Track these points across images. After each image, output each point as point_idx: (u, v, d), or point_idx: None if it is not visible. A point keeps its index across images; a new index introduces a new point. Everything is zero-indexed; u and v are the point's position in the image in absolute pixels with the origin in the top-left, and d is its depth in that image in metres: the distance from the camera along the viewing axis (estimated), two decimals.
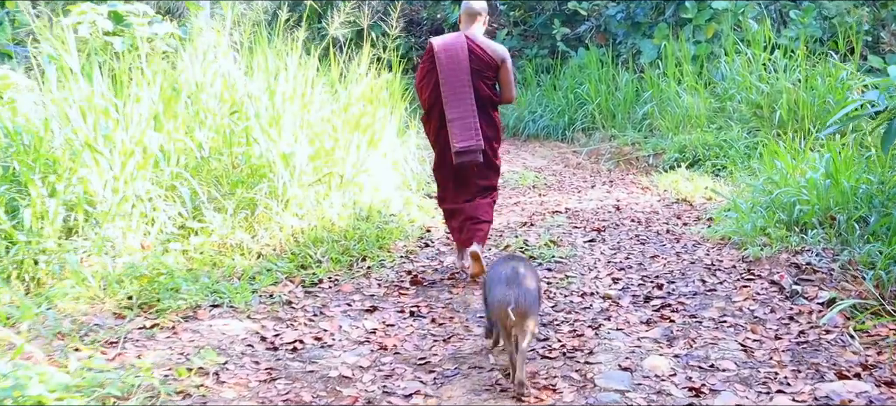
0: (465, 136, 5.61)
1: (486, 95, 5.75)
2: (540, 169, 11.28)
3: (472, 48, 5.71)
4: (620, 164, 11.45)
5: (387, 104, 8.50)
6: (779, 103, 10.75)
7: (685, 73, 12.30)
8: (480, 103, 5.71)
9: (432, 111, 5.81)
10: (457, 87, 5.63)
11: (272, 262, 5.89)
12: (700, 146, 10.52)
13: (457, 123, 5.63)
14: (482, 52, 5.72)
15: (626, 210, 8.28)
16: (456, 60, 5.64)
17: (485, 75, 5.73)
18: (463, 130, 5.62)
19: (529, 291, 3.97)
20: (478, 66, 5.69)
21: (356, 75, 8.05)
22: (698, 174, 9.82)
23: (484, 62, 5.72)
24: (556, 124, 14.12)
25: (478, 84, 5.69)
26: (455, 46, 5.70)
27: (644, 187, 9.54)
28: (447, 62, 5.64)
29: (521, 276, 3.99)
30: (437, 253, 6.57)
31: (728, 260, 6.19)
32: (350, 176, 6.97)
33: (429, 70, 5.77)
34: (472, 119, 5.63)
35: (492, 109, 5.83)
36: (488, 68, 5.74)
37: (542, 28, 16.59)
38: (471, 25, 5.86)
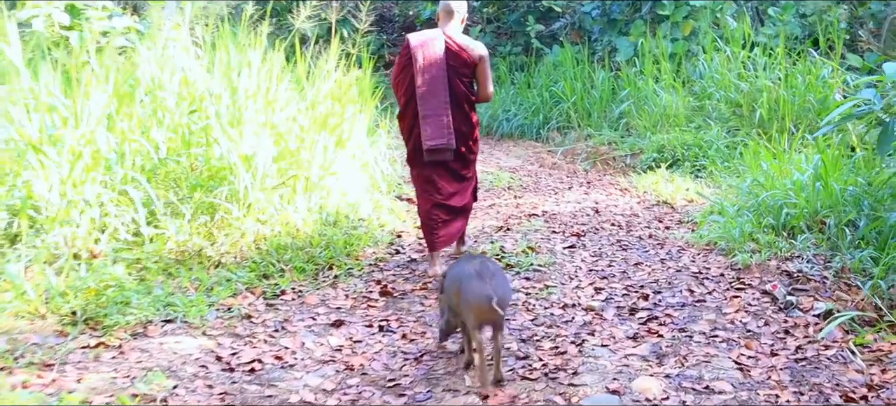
0: (436, 133, 5.57)
1: (463, 93, 5.68)
2: (515, 169, 10.92)
3: (450, 45, 5.63)
4: (597, 164, 11.12)
5: (356, 102, 8.10)
6: (759, 102, 10.49)
7: (663, 71, 11.99)
8: (456, 101, 5.64)
9: (407, 108, 5.72)
10: (432, 84, 5.56)
11: (232, 271, 5.49)
12: (679, 146, 10.21)
13: (430, 120, 5.57)
14: (460, 50, 5.64)
15: (606, 213, 7.94)
16: (432, 57, 5.58)
17: (461, 73, 5.66)
18: (435, 128, 5.57)
19: (505, 284, 3.95)
20: (455, 63, 5.62)
21: (324, 72, 7.63)
22: (678, 175, 9.51)
23: (461, 60, 5.64)
24: (531, 123, 13.77)
25: (454, 81, 5.62)
26: (432, 43, 5.62)
27: (623, 189, 9.21)
28: (423, 59, 5.58)
29: (492, 271, 3.91)
30: (408, 260, 6.18)
31: (715, 267, 5.86)
32: (316, 178, 6.57)
33: (405, 66, 5.69)
34: (445, 117, 5.57)
35: (468, 107, 5.75)
36: (465, 66, 5.66)
37: (516, 25, 16.24)
38: (448, 22, 5.77)
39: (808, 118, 10.33)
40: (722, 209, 6.73)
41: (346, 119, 7.44)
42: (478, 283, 3.81)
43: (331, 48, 7.73)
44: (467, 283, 3.87)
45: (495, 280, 3.85)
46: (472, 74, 5.74)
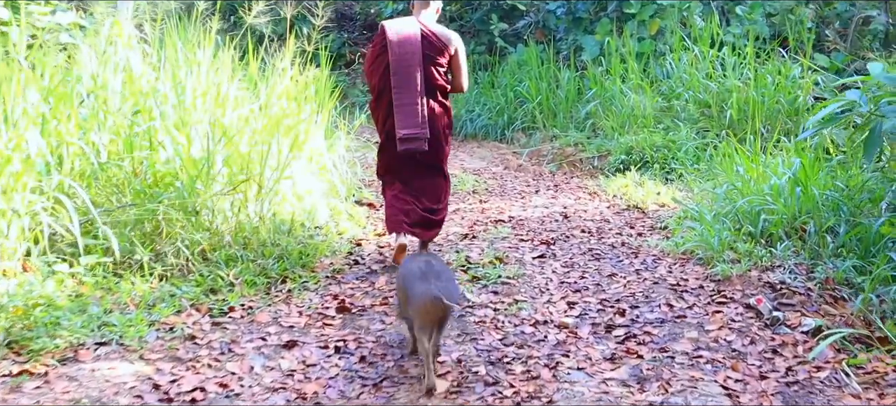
0: (410, 122, 5.45)
1: (438, 83, 5.60)
2: (479, 172, 10.55)
3: (426, 34, 5.54)
4: (563, 166, 10.77)
5: (314, 102, 7.67)
6: (729, 103, 10.22)
7: (630, 70, 11.68)
8: (431, 91, 5.56)
9: (381, 97, 5.62)
10: (407, 73, 5.45)
11: (177, 285, 5.06)
12: (648, 147, 9.90)
13: (403, 110, 5.46)
14: (435, 39, 5.56)
15: (575, 219, 7.58)
16: (407, 45, 5.47)
17: (437, 62, 5.57)
18: (409, 117, 5.46)
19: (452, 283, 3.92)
20: (430, 52, 5.52)
21: (278, 71, 7.20)
22: (648, 178, 9.20)
23: (436, 49, 5.55)
24: (495, 123, 13.40)
25: (429, 71, 5.53)
26: (407, 31, 5.51)
27: (592, 193, 8.86)
28: (398, 46, 5.47)
29: (439, 270, 3.92)
30: (367, 272, 5.76)
31: (694, 278, 5.52)
32: (270, 184, 6.13)
33: (379, 54, 5.58)
34: (419, 106, 5.46)
35: (443, 97, 5.68)
36: (441, 55, 5.57)
37: (480, 23, 15.86)
38: (423, 11, 5.68)
39: (778, 120, 10.08)
40: (700, 216, 6.37)
41: (302, 120, 7.02)
42: (422, 284, 3.77)
43: (286, 46, 7.28)
44: (410, 282, 3.86)
45: (441, 280, 3.80)
46: (447, 64, 5.65)
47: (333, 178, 7.45)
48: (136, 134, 5.84)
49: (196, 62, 6.46)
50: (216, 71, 6.53)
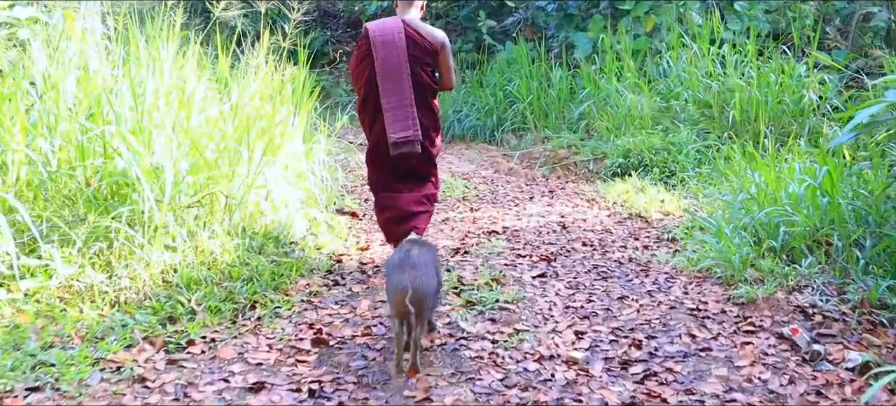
0: (401, 125, 5.23)
1: (426, 83, 5.38)
2: (468, 176, 9.91)
3: (410, 33, 5.31)
4: (557, 169, 10.15)
5: (291, 103, 7.02)
6: (731, 103, 9.62)
7: (626, 69, 11.06)
8: (419, 91, 5.32)
9: (368, 99, 5.37)
10: (393, 75, 5.23)
11: (131, 313, 4.40)
12: (646, 150, 9.30)
13: (393, 113, 5.23)
14: (420, 38, 5.33)
15: (575, 229, 6.95)
16: (393, 46, 5.24)
17: (424, 62, 5.35)
18: (399, 120, 5.23)
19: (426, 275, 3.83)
20: (416, 52, 5.30)
21: (252, 70, 6.54)
22: (648, 183, 8.60)
23: (422, 48, 5.33)
24: (484, 124, 12.76)
25: (416, 71, 5.30)
26: (392, 31, 5.28)
27: (590, 199, 8.23)
28: (383, 48, 5.23)
29: (416, 260, 3.86)
30: (348, 295, 5.10)
31: (714, 301, 4.89)
32: (240, 194, 5.48)
33: (364, 55, 5.34)
34: (409, 108, 5.25)
35: (431, 97, 5.47)
36: (427, 54, 5.36)
37: (467, 21, 15.22)
38: (408, 10, 5.49)
39: (782, 120, 9.51)
40: (718, 231, 5.72)
41: (277, 123, 6.36)
42: (397, 274, 3.76)
43: (261, 42, 6.63)
44: (389, 272, 3.89)
45: (417, 271, 3.76)
46: (434, 63, 5.43)
47: (312, 186, 6.79)
48: (90, 139, 5.17)
49: (159, 59, 5.79)
50: (181, 69, 5.87)
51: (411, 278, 3.69)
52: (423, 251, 4.03)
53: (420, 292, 3.69)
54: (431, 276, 3.91)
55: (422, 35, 5.36)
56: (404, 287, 3.64)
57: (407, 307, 3.65)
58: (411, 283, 3.66)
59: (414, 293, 3.64)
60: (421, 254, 3.96)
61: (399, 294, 3.66)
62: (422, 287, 3.71)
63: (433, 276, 3.95)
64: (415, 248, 4.00)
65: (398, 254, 3.97)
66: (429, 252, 4.11)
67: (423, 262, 3.91)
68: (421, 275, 3.77)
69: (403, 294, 3.64)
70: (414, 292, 3.64)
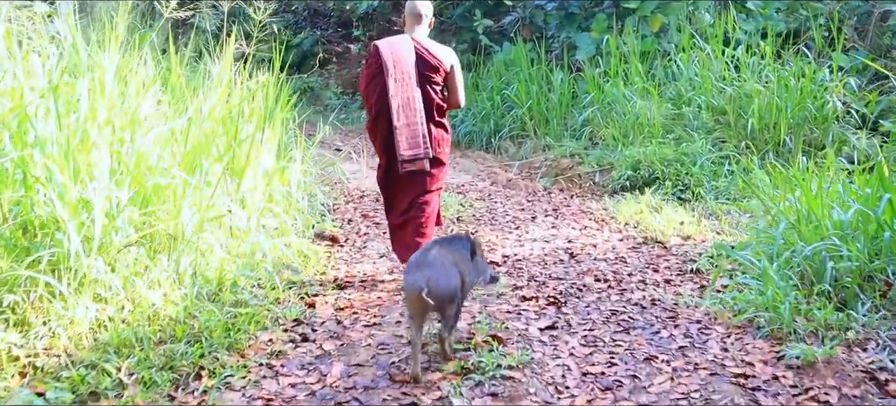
0: (412, 144, 5.19)
1: (435, 102, 5.30)
2: (463, 189, 8.99)
3: (420, 52, 5.25)
4: (560, 181, 9.23)
5: (262, 116, 6.09)
6: (749, 110, 8.70)
7: (633, 72, 10.13)
8: (429, 110, 5.27)
9: (379, 117, 5.27)
10: (405, 93, 5.17)
11: (46, 384, 3.47)
12: (657, 161, 8.37)
13: (404, 131, 5.18)
14: (430, 56, 5.26)
15: (585, 258, 6.03)
16: (403, 65, 5.19)
17: (433, 81, 5.28)
18: (410, 138, 5.19)
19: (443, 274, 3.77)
20: (426, 71, 5.24)
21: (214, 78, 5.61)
22: (661, 199, 7.69)
23: (432, 67, 5.26)
24: (480, 130, 11.82)
25: (426, 90, 5.25)
26: (401, 50, 5.23)
27: (599, 220, 7.29)
28: (394, 68, 5.17)
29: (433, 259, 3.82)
30: (317, 355, 4.12)
31: (762, 363, 3.94)
32: (191, 229, 4.54)
33: (375, 74, 5.25)
34: (420, 126, 5.19)
35: (440, 116, 5.38)
36: (437, 73, 5.28)
37: (462, 20, 14.28)
38: (416, 27, 5.38)
39: (803, 129, 8.61)
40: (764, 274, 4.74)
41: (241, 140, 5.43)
42: (412, 273, 3.76)
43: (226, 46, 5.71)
44: (406, 272, 3.89)
45: (433, 269, 3.73)
46: (443, 82, 5.35)
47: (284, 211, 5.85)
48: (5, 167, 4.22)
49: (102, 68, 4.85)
50: (127, 80, 4.93)
51: (426, 277, 3.63)
52: (444, 251, 3.95)
53: (436, 291, 3.62)
54: (450, 275, 3.81)
55: (432, 54, 5.26)
56: (419, 286, 3.58)
57: (422, 305, 3.59)
58: (426, 282, 3.60)
59: (429, 292, 3.57)
60: (440, 253, 3.90)
61: (413, 292, 3.62)
62: (437, 286, 3.65)
63: (452, 275, 3.83)
64: (435, 248, 3.95)
65: (418, 254, 3.97)
66: (452, 250, 4.01)
67: (441, 261, 3.83)
68: (437, 274, 3.70)
69: (417, 292, 3.58)
70: (429, 292, 3.57)
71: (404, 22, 5.48)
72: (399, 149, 5.17)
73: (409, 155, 5.18)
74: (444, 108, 5.41)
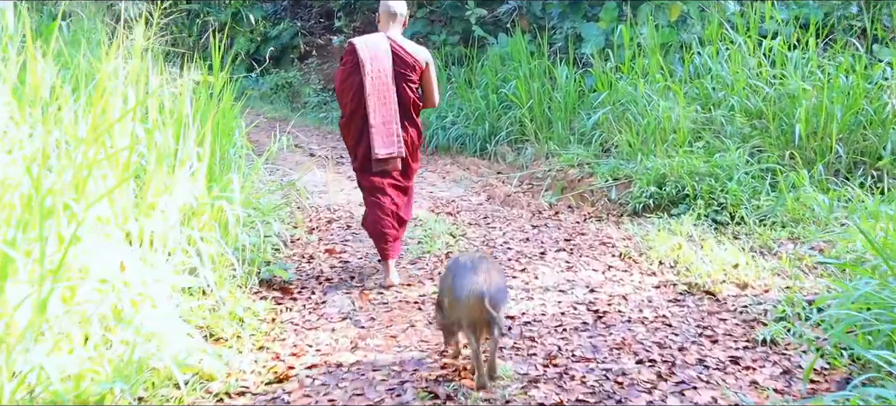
0: (386, 142, 5.12)
1: (411, 100, 5.22)
2: (454, 207, 7.38)
3: (396, 50, 5.16)
4: (568, 198, 7.62)
5: (191, 127, 4.47)
6: (795, 113, 7.11)
7: (653, 67, 8.51)
8: (404, 108, 5.20)
9: (353, 116, 5.16)
10: (380, 92, 5.11)
11: None
12: (686, 176, 6.77)
13: (380, 129, 5.10)
14: (406, 54, 5.18)
15: (615, 319, 4.40)
16: (379, 63, 5.11)
17: (409, 79, 5.19)
18: (385, 137, 5.12)
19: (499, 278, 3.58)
20: (401, 69, 5.16)
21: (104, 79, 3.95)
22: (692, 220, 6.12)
23: (408, 65, 5.18)
24: (474, 133, 10.16)
25: (401, 88, 5.17)
26: (378, 48, 5.13)
27: (624, 256, 5.63)
28: (371, 64, 5.08)
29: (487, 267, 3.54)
30: None
31: None
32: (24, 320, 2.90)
33: (351, 72, 5.14)
34: (394, 125, 5.13)
35: (415, 114, 5.31)
36: (413, 71, 5.20)
37: (453, 9, 12.61)
38: (391, 25, 5.27)
39: (856, 135, 7.03)
40: None
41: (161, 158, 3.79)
42: (470, 278, 3.46)
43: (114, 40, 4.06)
44: (460, 277, 3.51)
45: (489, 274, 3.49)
46: (418, 80, 5.29)
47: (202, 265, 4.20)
48: None
49: None
50: None
51: (486, 282, 3.41)
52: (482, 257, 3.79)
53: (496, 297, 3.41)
54: (503, 280, 3.67)
55: (407, 52, 5.19)
56: (481, 292, 3.35)
57: (481, 312, 3.36)
58: (488, 288, 3.38)
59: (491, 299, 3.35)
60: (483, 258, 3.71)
61: (476, 299, 3.36)
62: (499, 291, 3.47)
63: (504, 280, 3.71)
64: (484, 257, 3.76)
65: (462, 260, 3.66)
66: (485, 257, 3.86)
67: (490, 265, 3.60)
68: (494, 279, 3.48)
69: (480, 299, 3.35)
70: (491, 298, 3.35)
71: (379, 20, 5.34)
72: (374, 147, 5.09)
73: (384, 153, 5.11)
74: (419, 106, 5.33)
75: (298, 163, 9.46)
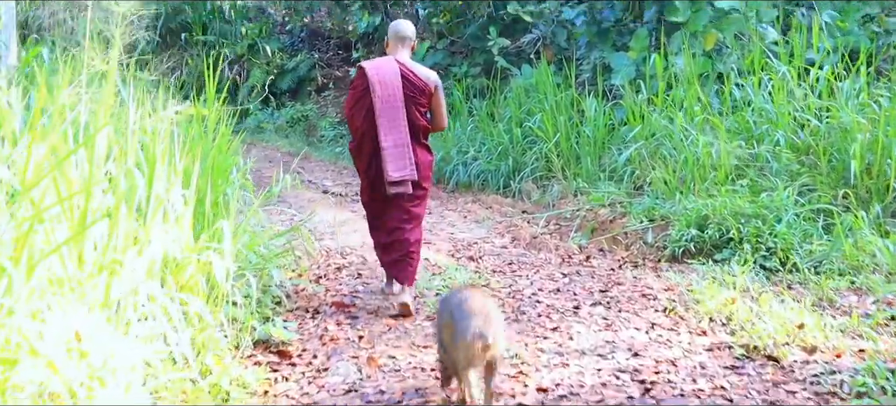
0: (399, 165, 5.01)
1: (420, 124, 5.15)
2: (476, 251, 6.74)
3: (405, 73, 5.09)
4: (600, 239, 6.96)
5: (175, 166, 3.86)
6: (849, 149, 6.42)
7: (691, 99, 7.85)
8: (413, 131, 5.11)
9: (364, 140, 5.10)
10: (391, 115, 5.02)
11: None
12: (731, 218, 6.09)
13: (391, 152, 5.00)
14: (416, 78, 5.11)
15: (667, 391, 3.71)
16: (389, 86, 5.03)
17: (418, 102, 5.12)
18: (397, 159, 5.01)
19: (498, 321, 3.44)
20: (411, 92, 5.09)
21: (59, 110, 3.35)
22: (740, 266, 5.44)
23: (417, 88, 5.11)
24: (497, 170, 9.51)
25: (411, 111, 5.08)
26: (388, 71, 5.08)
27: (669, 311, 4.92)
28: (381, 87, 5.02)
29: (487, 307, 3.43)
30: None
31: None
32: None
33: (361, 96, 5.10)
34: (406, 148, 5.03)
35: (424, 138, 5.25)
36: (422, 95, 5.13)
37: (475, 40, 12.03)
38: (400, 49, 5.23)
39: None
40: None
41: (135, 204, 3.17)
42: (470, 320, 3.29)
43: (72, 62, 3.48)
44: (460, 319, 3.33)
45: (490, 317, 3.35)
46: (427, 104, 5.18)
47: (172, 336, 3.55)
48: None
49: None
50: None
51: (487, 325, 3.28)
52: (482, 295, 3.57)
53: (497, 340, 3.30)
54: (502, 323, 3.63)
55: (416, 75, 5.13)
56: (483, 335, 3.23)
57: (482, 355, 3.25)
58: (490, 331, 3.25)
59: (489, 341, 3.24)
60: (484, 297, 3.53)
61: (478, 341, 3.23)
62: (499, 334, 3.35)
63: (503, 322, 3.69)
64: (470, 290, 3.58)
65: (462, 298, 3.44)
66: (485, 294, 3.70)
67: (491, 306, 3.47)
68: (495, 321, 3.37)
69: (482, 342, 3.23)
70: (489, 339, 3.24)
71: (387, 44, 5.31)
72: (386, 170, 4.99)
73: (397, 176, 5.01)
74: (428, 129, 5.27)
75: (311, 200, 8.84)
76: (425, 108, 5.20)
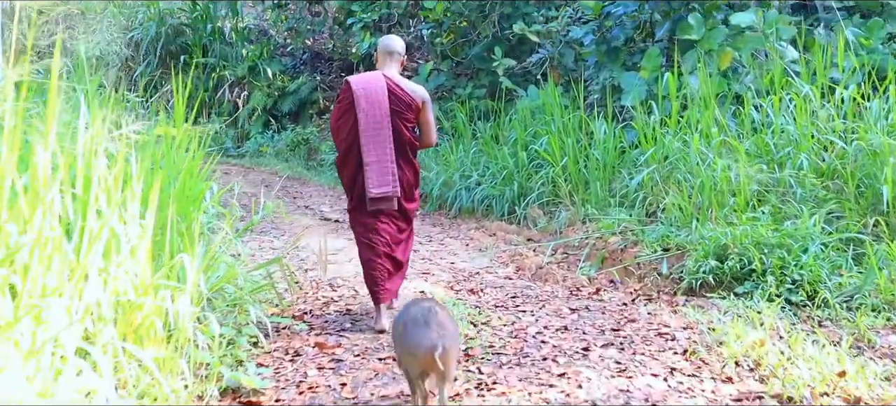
0: (382, 181, 4.94)
1: (407, 139, 5.06)
2: (477, 283, 6.23)
3: (392, 88, 5.01)
4: (610, 270, 6.45)
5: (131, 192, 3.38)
6: (882, 174, 5.92)
7: (707, 120, 7.34)
8: (400, 147, 5.03)
9: (349, 154, 5.04)
10: (375, 129, 4.95)
11: None
12: (752, 247, 5.58)
13: (374, 167, 4.95)
14: (403, 93, 5.03)
15: None
16: (375, 100, 4.96)
17: (405, 117, 5.04)
18: (380, 175, 4.95)
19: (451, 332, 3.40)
20: (398, 107, 5.01)
21: None
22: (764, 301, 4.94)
23: (404, 103, 5.02)
24: (501, 195, 8.99)
25: (398, 126, 5.01)
26: (374, 86, 5.01)
27: (689, 353, 4.38)
28: (366, 101, 4.95)
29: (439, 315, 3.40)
30: None
31: None
32: None
33: (346, 110, 5.04)
34: (390, 164, 4.96)
35: (411, 154, 5.14)
36: (409, 109, 5.04)
37: (479, 61, 11.57)
38: (388, 64, 5.14)
39: None
40: None
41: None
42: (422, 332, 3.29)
43: None
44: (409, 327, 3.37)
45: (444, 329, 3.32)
46: (415, 119, 5.11)
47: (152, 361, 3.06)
48: None
49: None
50: None
51: (441, 336, 3.25)
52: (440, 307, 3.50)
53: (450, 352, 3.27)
54: (457, 334, 3.55)
55: (403, 90, 5.03)
56: (435, 346, 3.20)
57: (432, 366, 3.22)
58: (442, 343, 3.22)
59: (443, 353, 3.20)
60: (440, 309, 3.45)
61: (428, 354, 3.20)
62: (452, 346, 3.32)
63: (458, 334, 3.60)
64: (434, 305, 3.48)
65: (417, 310, 3.42)
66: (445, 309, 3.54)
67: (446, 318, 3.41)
68: (449, 333, 3.33)
69: (433, 354, 3.18)
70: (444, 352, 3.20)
71: (377, 59, 5.23)
72: (368, 185, 4.94)
73: (378, 192, 4.94)
74: (416, 145, 5.17)
75: (307, 227, 8.35)
76: (412, 123, 5.11)
